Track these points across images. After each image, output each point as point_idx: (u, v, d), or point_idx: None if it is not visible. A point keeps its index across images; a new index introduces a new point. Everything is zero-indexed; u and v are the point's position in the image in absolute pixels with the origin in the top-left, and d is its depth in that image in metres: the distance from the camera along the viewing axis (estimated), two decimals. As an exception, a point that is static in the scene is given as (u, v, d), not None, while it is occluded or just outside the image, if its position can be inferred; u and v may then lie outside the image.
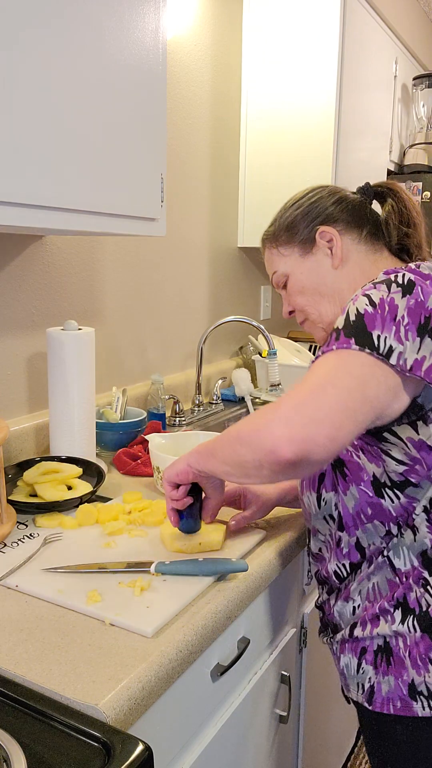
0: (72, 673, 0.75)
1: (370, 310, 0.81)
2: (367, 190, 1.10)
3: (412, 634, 0.90)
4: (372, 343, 0.79)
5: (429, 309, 0.81)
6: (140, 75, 1.13)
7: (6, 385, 1.40)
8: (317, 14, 1.98)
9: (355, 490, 0.93)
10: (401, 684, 0.91)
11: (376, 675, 0.94)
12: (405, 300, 0.81)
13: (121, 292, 1.72)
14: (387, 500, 0.90)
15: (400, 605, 0.92)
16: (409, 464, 0.87)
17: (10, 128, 0.89)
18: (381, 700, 0.93)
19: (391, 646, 0.92)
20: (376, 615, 0.94)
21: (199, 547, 1.03)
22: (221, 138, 2.09)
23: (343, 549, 0.97)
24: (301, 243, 1.07)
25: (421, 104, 2.84)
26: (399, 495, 0.89)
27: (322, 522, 1.00)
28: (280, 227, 1.10)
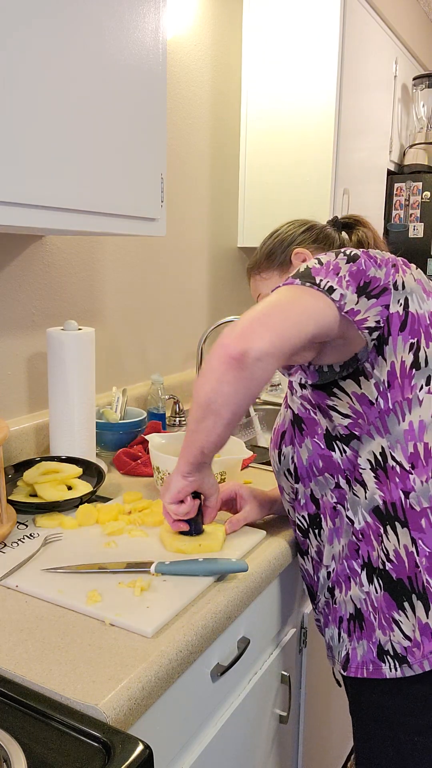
0: (72, 673, 0.75)
1: (317, 266, 0.90)
2: (336, 222, 1.26)
3: (378, 594, 0.94)
4: (314, 281, 0.87)
5: (369, 276, 0.90)
6: (140, 75, 1.13)
7: (6, 385, 1.40)
8: (317, 14, 1.98)
9: (309, 442, 1.00)
10: (372, 646, 0.95)
11: (350, 642, 0.98)
12: (348, 265, 0.90)
13: (121, 292, 1.72)
14: (336, 452, 0.97)
15: (365, 566, 0.95)
16: (352, 417, 0.94)
17: (9, 128, 0.89)
18: (355, 665, 0.97)
19: (362, 612, 0.96)
20: (347, 575, 0.98)
21: (199, 548, 1.03)
22: (221, 138, 2.09)
23: (300, 501, 1.04)
24: (279, 265, 1.23)
25: (421, 104, 2.84)
26: (345, 448, 0.96)
27: (283, 478, 1.07)
28: (261, 257, 1.26)
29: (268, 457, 1.63)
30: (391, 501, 0.93)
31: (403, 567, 0.92)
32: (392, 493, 0.93)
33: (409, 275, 0.94)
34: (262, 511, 1.15)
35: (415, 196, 2.84)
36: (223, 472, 1.21)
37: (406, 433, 0.92)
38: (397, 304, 0.91)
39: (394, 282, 0.91)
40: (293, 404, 1.03)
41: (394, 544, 0.93)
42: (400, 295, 0.91)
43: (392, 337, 0.91)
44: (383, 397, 0.92)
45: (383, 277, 0.91)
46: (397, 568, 0.93)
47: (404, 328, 0.91)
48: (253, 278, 1.28)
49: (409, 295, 0.92)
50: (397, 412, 0.92)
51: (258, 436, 2.00)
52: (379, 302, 0.89)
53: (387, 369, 0.92)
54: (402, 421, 0.92)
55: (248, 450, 1.30)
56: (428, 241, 2.84)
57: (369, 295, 0.89)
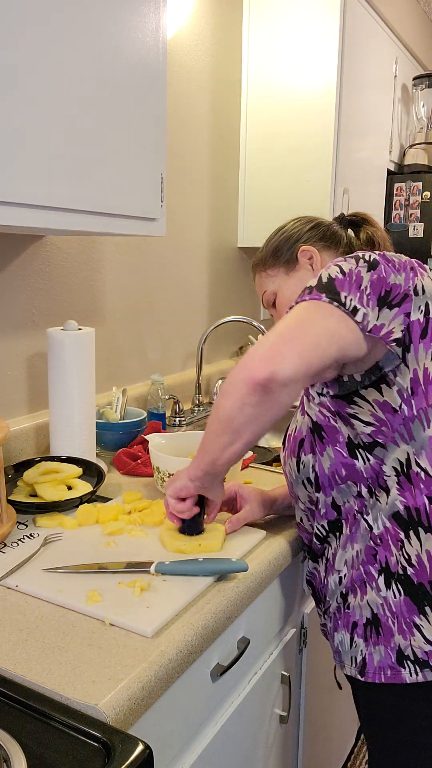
0: (72, 673, 0.75)
1: (340, 276, 0.89)
2: (342, 219, 1.26)
3: (397, 599, 0.93)
4: (340, 300, 0.86)
5: (389, 284, 0.89)
6: (140, 74, 1.13)
7: (6, 385, 1.40)
8: (317, 14, 1.98)
9: (331, 450, 0.98)
10: (390, 652, 0.94)
11: (367, 647, 0.96)
12: (369, 274, 0.89)
13: (121, 292, 1.72)
14: (360, 461, 0.96)
15: (383, 570, 0.95)
16: (375, 425, 0.93)
17: (9, 128, 0.89)
18: (373, 670, 0.96)
19: (379, 617, 0.95)
20: (362, 580, 0.97)
21: (199, 547, 1.03)
22: (221, 138, 2.09)
23: (321, 510, 1.02)
24: (286, 263, 1.22)
25: (421, 104, 2.84)
26: (369, 456, 0.95)
27: (301, 487, 1.05)
28: (266, 253, 1.25)
29: (269, 457, 1.64)
30: (415, 506, 0.92)
31: (424, 572, 0.92)
32: (416, 498, 0.92)
33: (427, 278, 0.94)
34: (262, 511, 1.15)
35: (415, 196, 2.84)
36: (223, 472, 1.21)
37: (431, 440, 0.92)
38: (418, 311, 0.90)
39: (414, 287, 0.91)
40: (311, 411, 1.01)
41: (417, 549, 0.92)
42: (420, 301, 0.91)
43: (413, 344, 0.90)
44: (407, 404, 0.91)
45: (403, 283, 0.90)
46: (419, 572, 0.92)
47: (425, 335, 0.91)
48: (258, 274, 1.28)
49: (430, 300, 0.92)
50: (421, 418, 0.92)
51: (258, 436, 2.00)
52: (401, 311, 0.89)
53: (410, 376, 0.91)
54: (427, 428, 0.92)
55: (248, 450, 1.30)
56: (428, 241, 2.84)
57: (390, 305, 0.88)
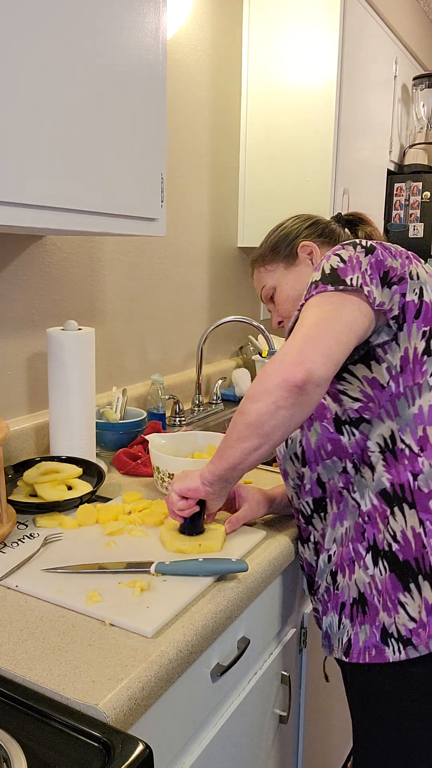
0: (72, 673, 0.75)
1: (342, 264, 0.93)
2: (340, 218, 1.30)
3: (383, 576, 0.95)
4: (346, 283, 0.91)
5: (387, 266, 0.94)
6: (140, 75, 1.13)
7: (6, 385, 1.40)
8: (317, 14, 1.98)
9: (318, 426, 1.01)
10: (375, 630, 0.95)
11: (353, 627, 0.98)
12: (367, 258, 0.94)
13: (121, 292, 1.72)
14: (345, 436, 0.98)
15: (371, 548, 0.96)
16: (363, 401, 0.96)
17: (9, 128, 0.89)
18: (358, 651, 0.97)
19: (365, 595, 0.96)
20: (351, 559, 0.98)
21: (199, 548, 1.03)
22: (221, 138, 2.09)
23: (306, 485, 1.05)
24: (285, 258, 1.25)
25: (421, 104, 2.84)
26: (354, 432, 0.98)
27: (289, 462, 1.07)
28: (266, 249, 1.28)
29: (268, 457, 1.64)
30: (399, 483, 0.95)
31: (409, 548, 0.93)
32: (400, 475, 0.95)
33: (422, 268, 0.98)
34: (261, 510, 1.15)
35: (415, 196, 2.84)
36: (223, 472, 1.21)
37: (416, 417, 0.95)
38: (413, 293, 0.95)
39: (409, 272, 0.95)
40: None
41: (402, 525, 0.94)
42: (415, 285, 0.95)
43: (407, 324, 0.94)
44: (395, 381, 0.94)
45: (399, 267, 0.94)
46: (404, 549, 0.94)
47: (419, 316, 0.95)
48: (257, 270, 1.31)
49: (424, 285, 0.96)
50: (407, 396, 0.95)
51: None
52: (399, 290, 0.93)
53: (400, 354, 0.94)
54: (412, 405, 0.95)
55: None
56: (428, 241, 2.84)
57: (390, 284, 0.93)
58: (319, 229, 1.26)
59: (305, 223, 1.27)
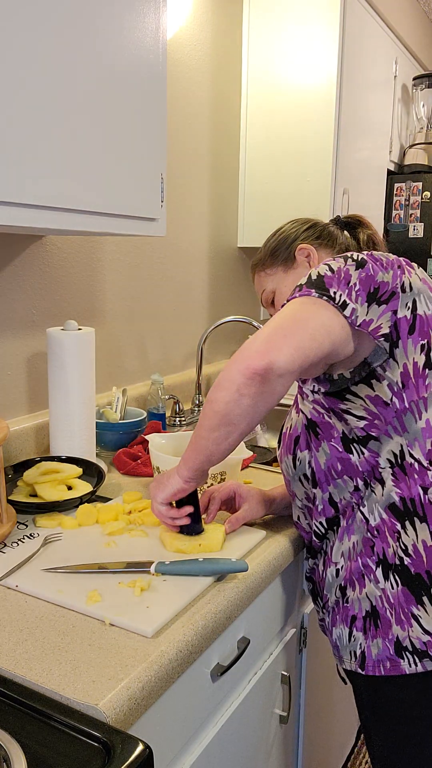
0: (72, 673, 0.75)
1: (329, 273, 0.92)
2: (338, 221, 1.29)
3: (395, 590, 0.94)
4: (329, 295, 0.88)
5: (377, 281, 0.92)
6: (140, 75, 1.13)
7: (6, 385, 1.40)
8: (317, 14, 1.98)
9: (326, 446, 1.00)
10: (388, 644, 0.94)
11: (366, 640, 0.97)
12: (357, 272, 0.92)
13: (121, 292, 1.72)
14: (354, 455, 0.97)
15: (381, 562, 0.96)
16: (368, 419, 0.95)
17: (9, 128, 0.89)
18: (372, 664, 0.96)
19: (377, 609, 0.96)
20: (360, 573, 0.97)
21: (199, 548, 1.03)
22: (221, 138, 2.09)
23: (318, 506, 1.03)
24: (284, 262, 1.25)
25: (421, 104, 2.84)
26: (363, 450, 0.97)
27: (299, 484, 1.06)
28: (265, 253, 1.28)
29: (269, 457, 1.64)
30: (410, 497, 0.94)
31: (421, 561, 0.93)
32: (411, 489, 0.94)
33: (415, 276, 0.96)
34: (260, 510, 1.15)
35: (415, 196, 2.84)
36: (223, 472, 1.21)
37: (423, 431, 0.94)
38: (405, 308, 0.92)
39: (402, 284, 0.93)
40: (305, 408, 1.03)
41: (413, 539, 0.94)
42: (407, 298, 0.93)
43: (402, 340, 0.93)
44: (398, 397, 0.93)
45: (391, 281, 0.92)
46: (416, 562, 0.93)
47: (413, 331, 0.93)
48: (257, 274, 1.31)
49: (417, 296, 0.94)
50: (413, 410, 0.94)
51: (258, 436, 2.00)
52: (389, 308, 0.91)
53: (399, 371, 0.93)
54: (419, 420, 0.94)
55: (248, 450, 1.30)
56: (428, 241, 2.84)
57: (379, 302, 0.91)
58: (317, 231, 1.25)
59: (303, 226, 1.27)
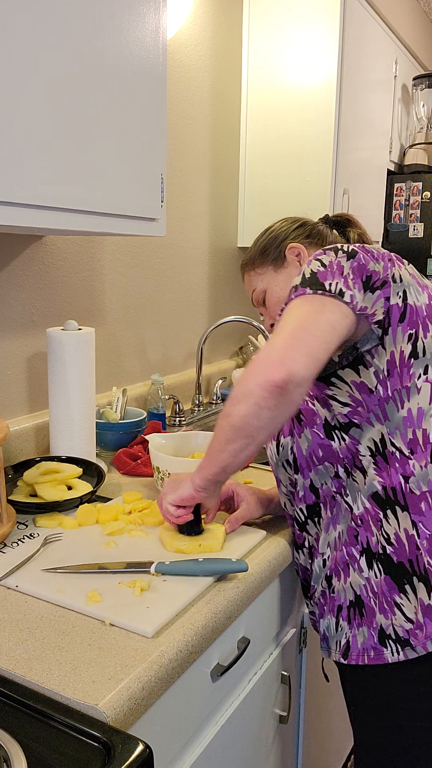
0: (72, 673, 0.75)
1: (322, 269, 0.92)
2: (328, 220, 1.30)
3: (378, 578, 0.95)
4: (324, 288, 0.89)
5: (369, 270, 0.93)
6: (140, 75, 1.13)
7: (6, 385, 1.40)
8: (317, 14, 1.98)
9: (309, 432, 1.01)
10: (372, 632, 0.95)
11: (350, 629, 0.98)
12: (349, 262, 0.93)
13: (121, 292, 1.72)
14: (336, 441, 0.98)
15: (365, 551, 0.97)
16: (352, 406, 0.96)
17: (9, 128, 0.89)
18: (356, 652, 0.97)
19: (362, 598, 0.97)
20: (345, 563, 0.99)
21: (199, 547, 1.03)
22: (221, 138, 2.09)
23: (299, 492, 1.04)
24: (274, 261, 1.26)
25: (421, 104, 2.84)
26: (345, 437, 0.97)
27: (282, 470, 1.07)
28: (255, 252, 1.29)
29: (268, 457, 1.64)
30: (391, 486, 0.95)
31: (403, 550, 0.94)
32: (392, 478, 0.95)
33: (404, 270, 0.97)
34: (259, 509, 1.15)
35: (415, 196, 2.84)
36: (223, 472, 1.21)
37: (405, 420, 0.95)
38: (397, 296, 0.94)
39: (392, 275, 0.94)
40: None
41: (395, 527, 0.94)
42: (398, 288, 0.94)
43: (392, 327, 0.94)
44: (382, 385, 0.94)
45: (382, 270, 0.94)
46: (398, 551, 0.94)
47: (403, 320, 0.94)
48: (247, 274, 1.31)
49: (407, 288, 0.95)
50: (396, 399, 0.95)
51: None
52: (382, 294, 0.92)
53: (386, 358, 0.94)
54: (401, 409, 0.95)
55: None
56: (428, 241, 2.84)
57: (372, 288, 0.92)
58: (306, 230, 1.26)
59: (293, 225, 1.27)
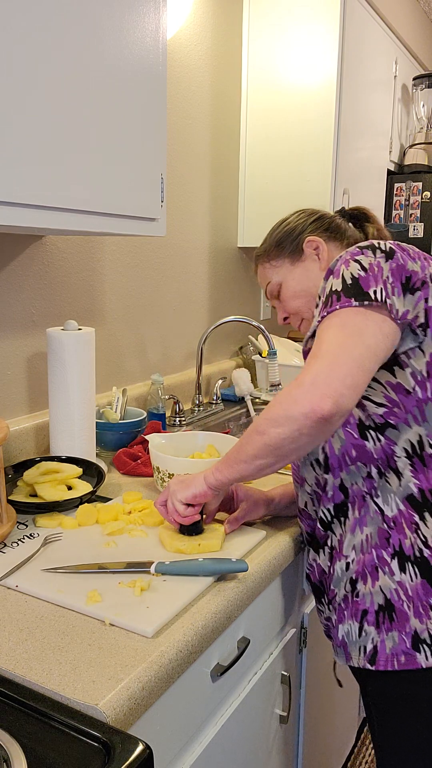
0: (72, 673, 0.75)
1: (363, 273, 0.91)
2: (345, 213, 1.28)
3: (414, 582, 0.93)
4: (370, 297, 0.89)
5: (408, 270, 0.92)
6: (140, 75, 1.13)
7: (6, 385, 1.40)
8: (317, 15, 1.98)
9: (342, 431, 0.99)
10: (405, 637, 0.93)
11: (378, 634, 0.96)
12: (388, 264, 0.92)
13: (121, 292, 1.72)
14: (370, 442, 0.96)
15: (396, 554, 0.95)
16: (388, 406, 0.95)
17: (9, 128, 0.89)
18: (385, 658, 0.95)
19: (392, 602, 0.94)
20: (374, 566, 0.96)
21: (199, 547, 1.03)
22: (221, 138, 2.09)
23: (328, 492, 1.02)
24: (290, 254, 1.23)
25: (421, 104, 2.84)
26: (380, 437, 0.96)
27: (309, 469, 1.05)
28: (270, 245, 1.26)
29: None
30: (429, 488, 0.94)
31: None
32: (430, 480, 0.94)
33: None
34: (259, 510, 1.15)
35: (415, 196, 2.84)
36: (223, 472, 1.21)
37: None
38: None
39: (430, 275, 0.93)
40: None
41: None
42: None
43: (430, 329, 0.93)
44: (421, 387, 0.93)
45: (420, 270, 0.93)
46: None
47: None
48: (261, 266, 1.28)
49: None
50: None
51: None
52: (422, 295, 0.92)
53: (426, 360, 0.93)
54: None
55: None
56: (428, 241, 2.84)
57: (412, 290, 0.91)
58: (324, 223, 1.23)
59: (310, 218, 1.24)
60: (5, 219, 0.92)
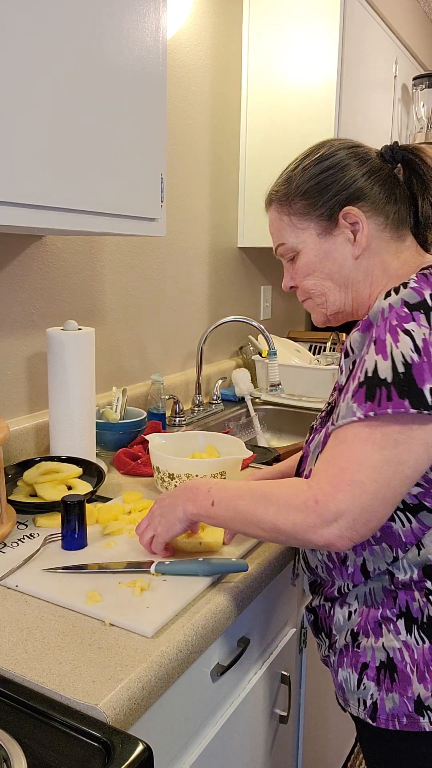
0: (72, 673, 0.75)
1: (416, 358, 0.76)
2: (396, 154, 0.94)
3: (420, 646, 0.87)
4: (426, 402, 0.75)
5: None
6: (140, 75, 1.13)
7: (6, 385, 1.40)
8: (317, 15, 1.98)
9: None
10: (407, 701, 0.87)
11: (379, 691, 0.89)
12: None
13: (121, 292, 1.72)
14: (397, 523, 0.86)
15: (403, 615, 0.88)
16: (425, 486, 0.84)
17: (9, 128, 0.89)
18: (385, 716, 0.88)
19: (395, 662, 0.88)
20: (377, 623, 0.90)
21: (199, 546, 1.03)
22: (221, 138, 2.09)
23: (349, 568, 0.92)
24: (320, 218, 0.94)
25: (421, 104, 2.84)
26: (411, 519, 0.86)
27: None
28: (296, 191, 0.95)
29: (269, 457, 1.64)
30: None
31: None
32: None
33: None
34: None
35: (415, 196, 2.83)
36: (223, 471, 1.21)
37: None
38: None
39: None
40: None
41: None
42: None
43: None
44: None
45: None
46: None
47: None
48: (278, 215, 0.99)
49: None
50: None
51: (258, 436, 2.00)
52: None
53: None
54: None
55: (248, 450, 1.30)
56: None
57: None
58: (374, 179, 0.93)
59: (355, 161, 0.93)
60: (5, 219, 0.92)
